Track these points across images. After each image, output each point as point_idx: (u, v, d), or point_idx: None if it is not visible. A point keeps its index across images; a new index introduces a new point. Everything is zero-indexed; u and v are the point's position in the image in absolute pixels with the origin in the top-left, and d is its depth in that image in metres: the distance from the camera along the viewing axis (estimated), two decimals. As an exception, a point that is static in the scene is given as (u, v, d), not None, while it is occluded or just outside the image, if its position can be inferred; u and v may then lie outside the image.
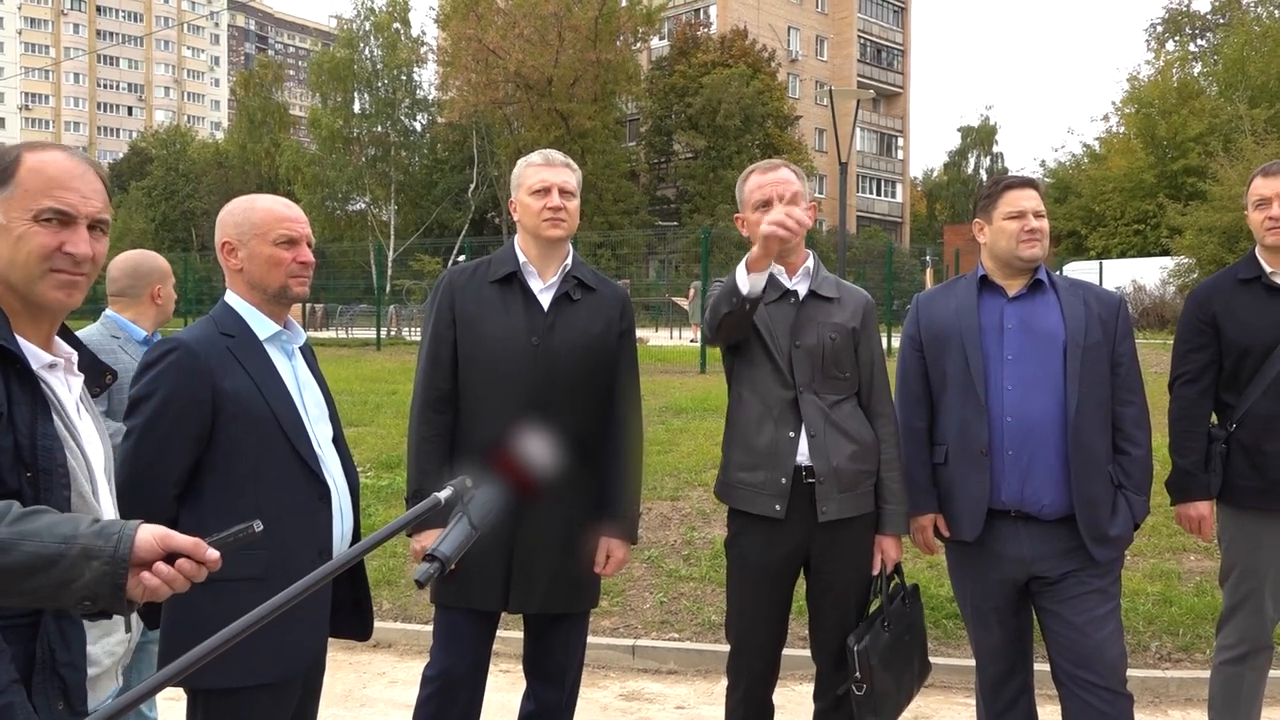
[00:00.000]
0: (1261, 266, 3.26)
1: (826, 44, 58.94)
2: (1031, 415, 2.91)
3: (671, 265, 40.94)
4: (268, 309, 2.42)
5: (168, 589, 1.44)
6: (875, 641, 2.90)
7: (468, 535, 1.30)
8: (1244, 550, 3.26)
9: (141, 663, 3.57)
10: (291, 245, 2.39)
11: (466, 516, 1.31)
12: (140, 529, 1.43)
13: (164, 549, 1.43)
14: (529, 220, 2.97)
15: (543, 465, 1.76)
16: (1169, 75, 35.66)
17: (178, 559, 1.44)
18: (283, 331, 2.44)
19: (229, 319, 2.40)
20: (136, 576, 1.41)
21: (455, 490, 1.33)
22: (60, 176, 1.64)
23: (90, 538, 1.40)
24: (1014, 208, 2.99)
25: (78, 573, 1.38)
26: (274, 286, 2.39)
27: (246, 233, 2.40)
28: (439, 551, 1.27)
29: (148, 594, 1.43)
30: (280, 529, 2.27)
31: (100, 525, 1.42)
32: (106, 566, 1.38)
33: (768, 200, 2.96)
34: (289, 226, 2.40)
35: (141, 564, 1.42)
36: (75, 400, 1.72)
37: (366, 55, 42.65)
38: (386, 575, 5.63)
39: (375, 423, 9.10)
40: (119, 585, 1.39)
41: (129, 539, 1.41)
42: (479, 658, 2.99)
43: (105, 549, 1.39)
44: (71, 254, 1.63)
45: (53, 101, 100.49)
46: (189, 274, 25.03)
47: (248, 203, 2.46)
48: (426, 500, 1.29)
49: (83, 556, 1.38)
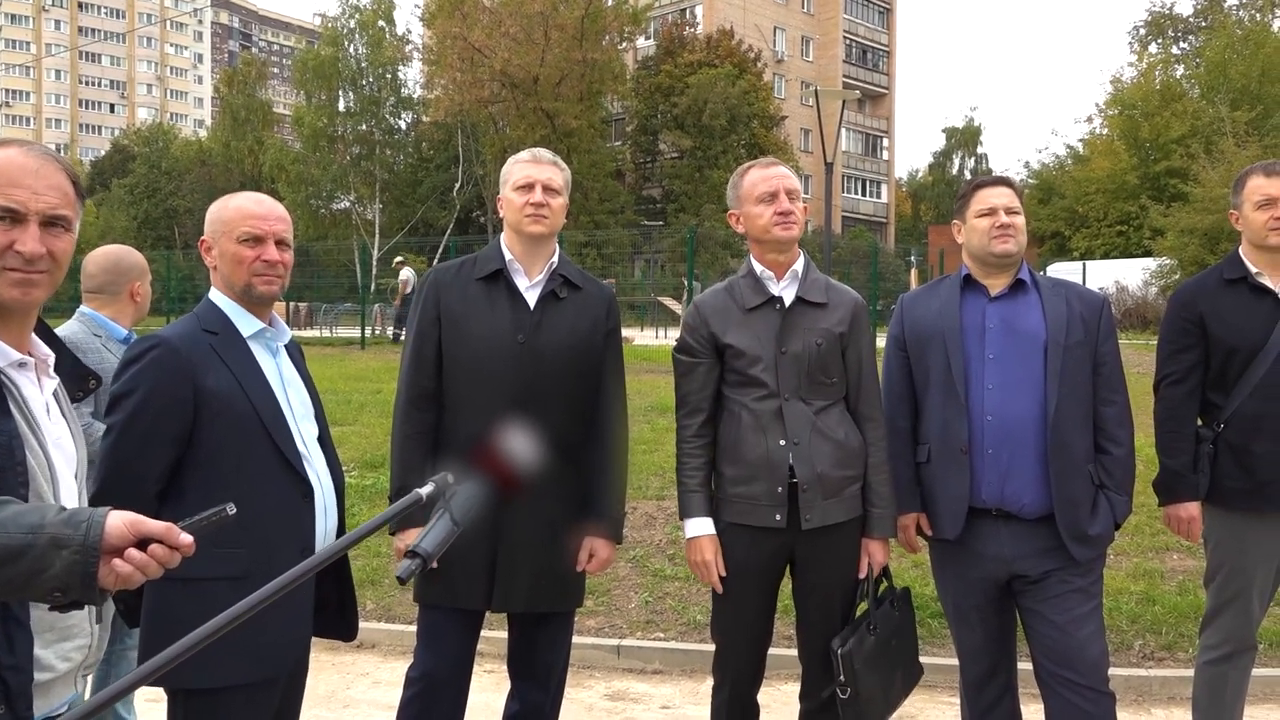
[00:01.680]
0: (1246, 267, 3.27)
1: (812, 44, 59.06)
2: (1012, 414, 2.91)
3: (657, 265, 40.94)
4: (250, 307, 2.41)
5: (141, 576, 1.40)
6: (860, 645, 2.89)
7: (449, 532, 1.29)
8: (1231, 551, 3.25)
9: (121, 669, 3.53)
10: (256, 243, 2.37)
11: (448, 513, 1.30)
12: (110, 515, 1.39)
13: (135, 535, 1.39)
14: (512, 216, 2.96)
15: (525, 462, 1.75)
16: (1151, 77, 35.92)
17: (150, 545, 1.40)
18: (267, 329, 2.42)
19: (212, 316, 2.39)
20: (108, 564, 1.37)
21: (437, 487, 1.31)
22: (11, 173, 1.60)
23: (58, 526, 1.36)
24: (985, 205, 3.00)
25: (47, 562, 1.34)
26: (239, 284, 2.38)
27: (218, 230, 2.40)
28: (420, 548, 1.26)
29: (120, 581, 1.39)
30: (262, 527, 2.26)
31: (68, 513, 1.38)
32: (77, 555, 1.34)
33: (774, 193, 2.95)
34: (253, 224, 2.37)
35: (113, 551, 1.38)
36: (46, 401, 1.69)
37: (351, 53, 42.52)
38: (370, 575, 5.60)
39: (359, 422, 9.06)
40: (90, 574, 1.35)
41: (99, 525, 1.37)
42: (463, 657, 2.97)
43: (74, 537, 1.35)
44: (20, 253, 1.59)
45: (33, 98, 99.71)
46: (172, 272, 24.89)
47: (224, 200, 2.47)
48: (407, 497, 1.28)
49: (51, 545, 1.34)
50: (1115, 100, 35.78)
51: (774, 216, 2.93)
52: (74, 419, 1.78)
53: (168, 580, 2.18)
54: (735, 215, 3.07)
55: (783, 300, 2.96)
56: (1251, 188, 3.26)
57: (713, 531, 2.92)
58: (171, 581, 2.19)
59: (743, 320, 2.95)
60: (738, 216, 3.05)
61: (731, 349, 2.93)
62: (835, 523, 2.90)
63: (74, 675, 1.77)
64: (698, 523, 2.93)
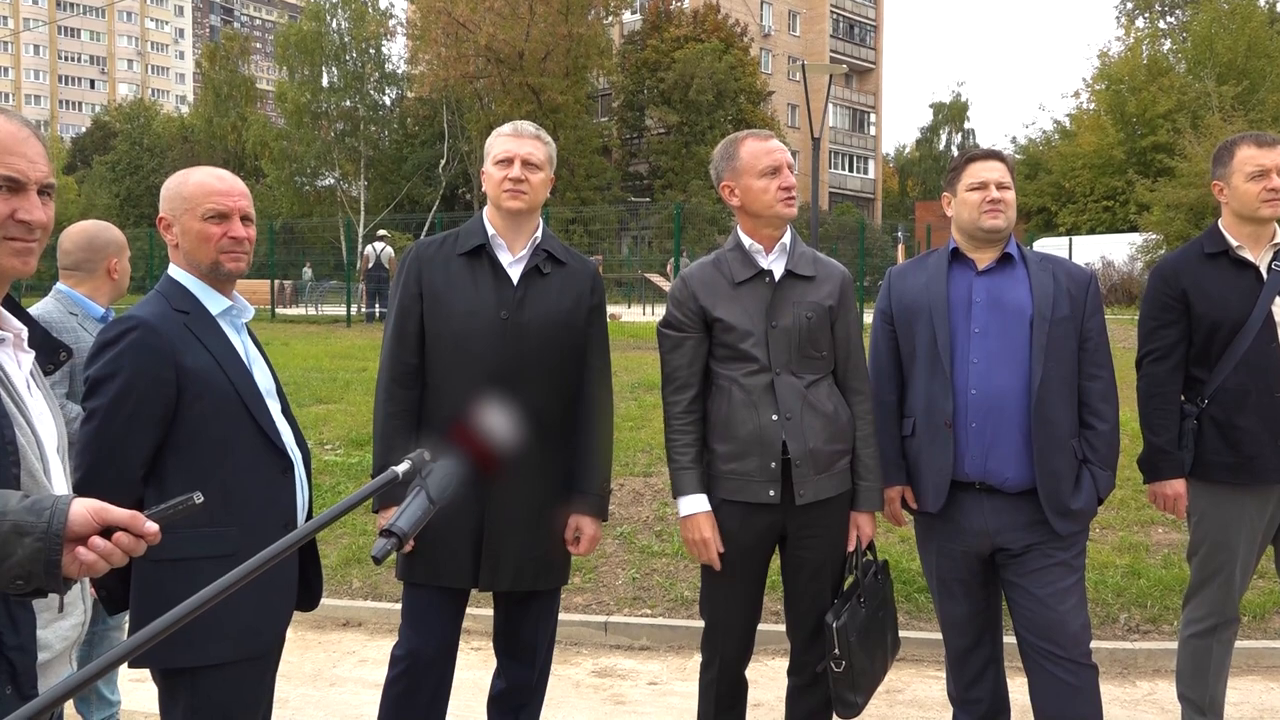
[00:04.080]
0: (1228, 240, 3.25)
1: (799, 19, 58.74)
2: (996, 389, 2.91)
3: (644, 241, 40.86)
4: (214, 284, 2.37)
5: (105, 564, 1.39)
6: (853, 618, 2.89)
7: (425, 510, 1.28)
8: (1215, 525, 3.26)
9: (101, 649, 3.51)
10: (222, 220, 2.32)
11: (425, 490, 1.29)
12: (74, 503, 1.38)
13: (100, 523, 1.38)
14: (492, 191, 2.92)
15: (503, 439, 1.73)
16: (1139, 52, 35.81)
17: (114, 533, 1.39)
18: (232, 306, 2.39)
19: (178, 294, 2.35)
20: (72, 552, 1.36)
21: (413, 464, 1.30)
22: (8, 143, 1.60)
23: (20, 514, 1.35)
24: (976, 179, 2.98)
25: (9, 550, 1.33)
26: (206, 263, 2.33)
27: (178, 207, 2.34)
28: (396, 526, 1.25)
29: (84, 570, 1.38)
30: (248, 504, 2.27)
31: (31, 500, 1.37)
32: (39, 543, 1.34)
33: (777, 166, 2.90)
34: (218, 201, 2.32)
35: (76, 539, 1.37)
36: (25, 377, 1.67)
37: (334, 28, 42.09)
38: (356, 553, 5.59)
39: (345, 400, 9.01)
40: (54, 561, 1.35)
41: (62, 513, 1.36)
42: (449, 636, 2.96)
43: (37, 525, 1.34)
44: (26, 221, 1.60)
45: (12, 74, 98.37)
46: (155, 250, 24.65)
47: (182, 176, 2.39)
48: (384, 474, 1.27)
49: (13, 533, 1.34)
50: (1102, 75, 35.70)
51: (779, 192, 2.89)
52: (49, 393, 1.76)
53: (157, 561, 2.19)
54: (729, 187, 2.96)
55: (772, 274, 2.93)
56: (1243, 158, 3.21)
57: (708, 508, 2.89)
58: (161, 562, 2.19)
59: (732, 294, 2.92)
60: (732, 188, 2.96)
61: (721, 323, 2.90)
62: (827, 497, 2.90)
63: (69, 653, 1.78)
64: (692, 500, 2.90)
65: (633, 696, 4.33)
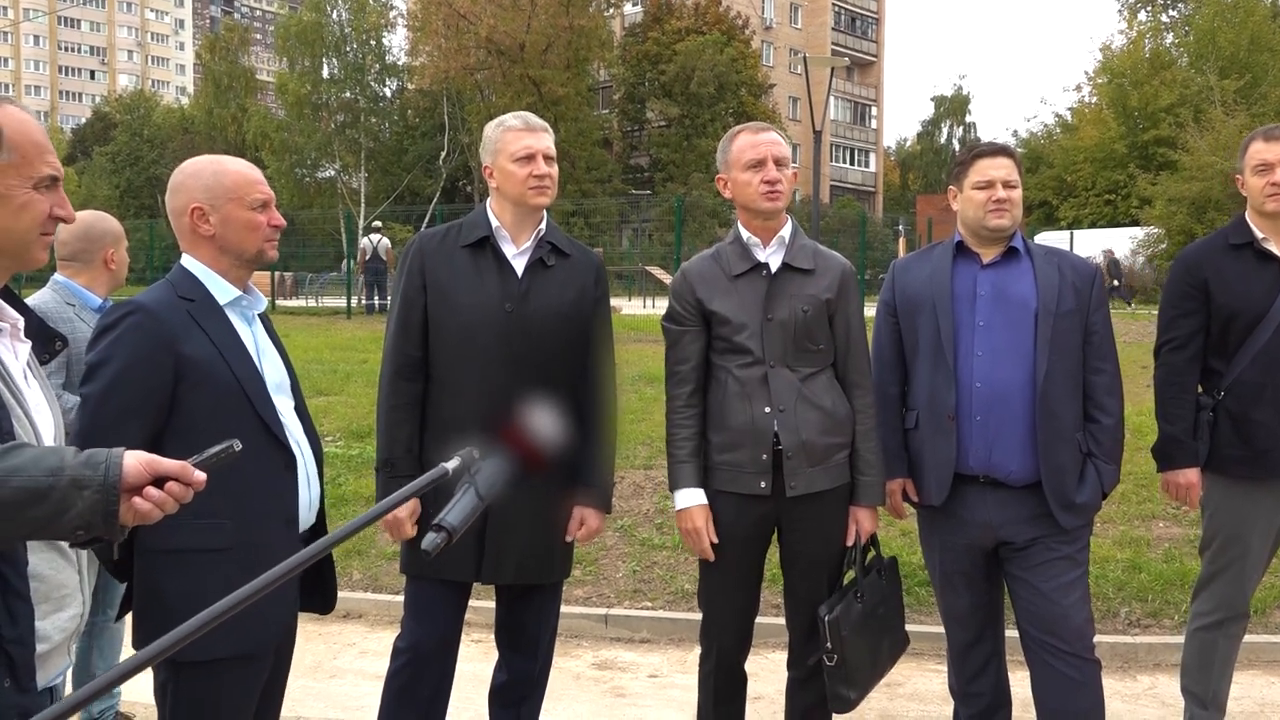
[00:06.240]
0: (1253, 232, 3.24)
1: (800, 11, 58.58)
2: (1000, 382, 2.90)
3: (645, 234, 40.79)
4: (233, 274, 2.36)
5: (159, 512, 1.46)
6: (847, 612, 2.89)
7: (474, 506, 1.28)
8: (1228, 519, 3.25)
9: (103, 643, 3.51)
10: (265, 208, 2.35)
11: (474, 487, 1.29)
12: (126, 455, 1.45)
13: (151, 473, 1.45)
14: (512, 188, 2.88)
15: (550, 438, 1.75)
16: (1141, 45, 35.72)
17: (166, 483, 1.46)
18: (244, 296, 2.37)
19: (187, 283, 2.32)
20: (128, 502, 1.43)
21: (463, 460, 1.30)
22: (42, 140, 1.63)
23: (78, 468, 1.41)
24: (983, 177, 2.96)
25: (70, 503, 1.39)
26: (251, 251, 2.35)
27: (220, 197, 2.31)
28: (446, 522, 1.24)
29: (139, 518, 1.45)
30: (246, 498, 2.23)
31: (86, 454, 1.44)
32: (98, 495, 1.40)
33: (761, 160, 2.90)
34: (262, 190, 2.36)
35: (131, 489, 1.43)
36: (22, 367, 1.67)
37: (334, 19, 41.96)
38: (357, 545, 5.58)
39: (345, 392, 9.00)
40: (112, 512, 1.41)
41: (116, 466, 1.42)
42: (450, 629, 2.96)
43: (94, 478, 1.41)
44: (61, 216, 1.64)
45: (12, 65, 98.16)
46: (155, 241, 24.61)
47: (215, 165, 2.36)
48: (434, 470, 1.27)
49: (73, 486, 1.40)
50: (1104, 68, 35.62)
51: (760, 185, 2.89)
52: (46, 383, 1.76)
53: (154, 552, 2.18)
54: (723, 179, 3.01)
55: (769, 266, 2.93)
56: (1251, 152, 3.24)
57: (704, 501, 2.91)
58: (156, 554, 2.18)
59: (729, 287, 2.91)
60: (725, 181, 3.00)
61: (717, 316, 2.90)
62: (820, 490, 2.89)
63: (67, 644, 1.78)
64: (688, 493, 2.91)
65: (633, 689, 4.33)
